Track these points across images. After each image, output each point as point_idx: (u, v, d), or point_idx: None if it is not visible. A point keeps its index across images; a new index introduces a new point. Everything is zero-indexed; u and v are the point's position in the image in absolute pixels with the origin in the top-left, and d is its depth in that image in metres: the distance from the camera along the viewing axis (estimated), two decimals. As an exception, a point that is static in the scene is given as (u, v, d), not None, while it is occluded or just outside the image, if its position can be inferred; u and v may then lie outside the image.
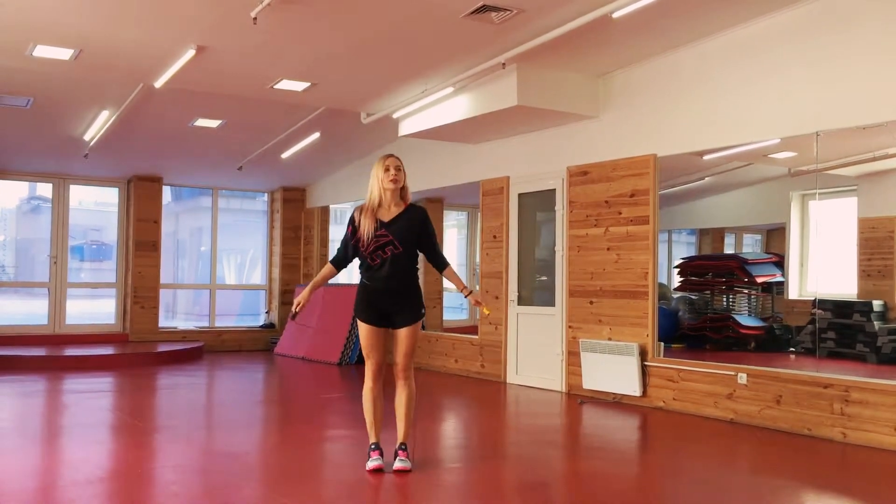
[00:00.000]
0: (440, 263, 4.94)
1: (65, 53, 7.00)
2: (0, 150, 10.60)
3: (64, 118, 9.38)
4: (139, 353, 10.99)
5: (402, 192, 4.87)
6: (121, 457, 5.35)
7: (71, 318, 12.09)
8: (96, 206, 13.21)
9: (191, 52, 6.88)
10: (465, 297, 4.95)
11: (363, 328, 4.83)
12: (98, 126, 9.48)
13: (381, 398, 4.88)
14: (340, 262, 4.91)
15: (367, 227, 4.73)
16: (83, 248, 12.96)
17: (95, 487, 4.53)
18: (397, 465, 4.77)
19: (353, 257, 4.89)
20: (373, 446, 4.83)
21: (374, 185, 4.80)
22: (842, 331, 8.15)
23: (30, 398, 8.02)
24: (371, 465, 4.75)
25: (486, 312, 4.93)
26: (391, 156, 4.85)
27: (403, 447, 4.84)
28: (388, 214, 4.79)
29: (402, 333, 4.82)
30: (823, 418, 6.03)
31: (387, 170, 4.77)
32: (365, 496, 4.44)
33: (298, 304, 4.75)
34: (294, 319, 4.93)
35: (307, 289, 4.79)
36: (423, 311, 4.88)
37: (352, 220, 4.83)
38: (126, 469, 4.99)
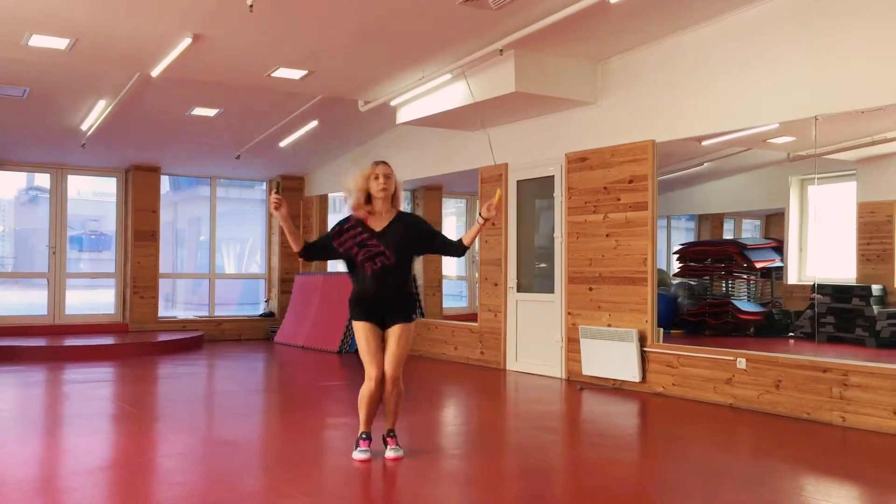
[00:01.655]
0: (458, 248, 4.79)
1: (61, 43, 6.97)
2: (-3, 140, 10.58)
3: (61, 108, 9.35)
4: (139, 343, 11.00)
5: (393, 198, 4.78)
6: (121, 446, 5.37)
7: (70, 309, 12.09)
8: (95, 196, 13.18)
9: (187, 41, 6.85)
10: (482, 219, 4.59)
11: (361, 329, 4.71)
12: (95, 115, 9.46)
13: (378, 401, 4.80)
14: (310, 248, 4.78)
15: (359, 235, 4.67)
16: (82, 239, 12.95)
17: (96, 477, 4.54)
18: (389, 454, 4.77)
19: (339, 258, 4.80)
20: (363, 435, 4.80)
21: (361, 187, 4.69)
22: (841, 315, 8.16)
23: (30, 388, 8.03)
24: (358, 455, 4.74)
25: (498, 195, 4.59)
26: (381, 163, 4.75)
27: (392, 434, 4.85)
28: (379, 223, 4.72)
29: (394, 335, 4.72)
30: (822, 402, 6.05)
31: (376, 178, 4.68)
32: (365, 483, 4.45)
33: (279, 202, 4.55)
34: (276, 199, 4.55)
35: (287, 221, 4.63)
36: (414, 315, 4.80)
37: (342, 224, 4.75)
38: (127, 458, 5.00)
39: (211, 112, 9.70)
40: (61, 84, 8.52)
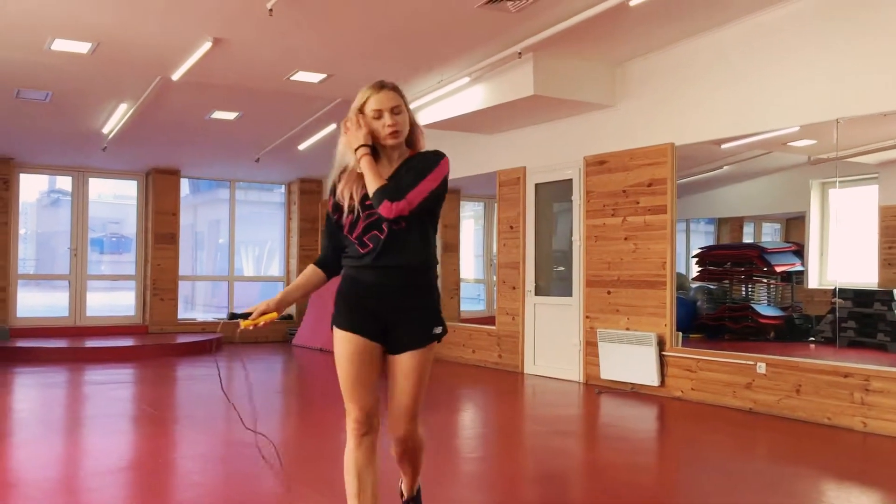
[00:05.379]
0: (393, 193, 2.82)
1: (83, 47, 7.04)
2: (20, 143, 10.69)
3: (82, 112, 9.44)
4: (158, 345, 11.07)
5: (410, 139, 3.02)
6: (141, 447, 5.40)
7: (91, 311, 12.20)
8: (115, 199, 13.30)
9: (207, 45, 6.90)
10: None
11: (341, 342, 2.89)
12: (116, 119, 9.53)
13: (371, 467, 2.94)
14: (328, 263, 3.04)
15: (349, 199, 2.91)
16: (103, 241, 13.06)
17: (116, 477, 4.57)
18: None
19: (344, 246, 2.99)
20: None
21: (356, 138, 2.94)
22: (862, 320, 8.09)
23: (51, 389, 8.10)
24: None
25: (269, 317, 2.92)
26: (382, 87, 2.90)
27: (416, 501, 3.39)
28: (384, 173, 2.93)
29: (406, 362, 2.90)
30: (843, 408, 5.99)
31: (378, 115, 2.88)
32: (383, 484, 4.45)
33: (252, 318, 2.91)
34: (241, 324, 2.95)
35: (276, 298, 2.94)
36: (439, 327, 2.95)
37: (332, 192, 3.03)
38: (147, 459, 5.03)
39: (230, 115, 9.75)
40: (83, 88, 8.60)
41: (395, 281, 2.89)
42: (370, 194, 2.83)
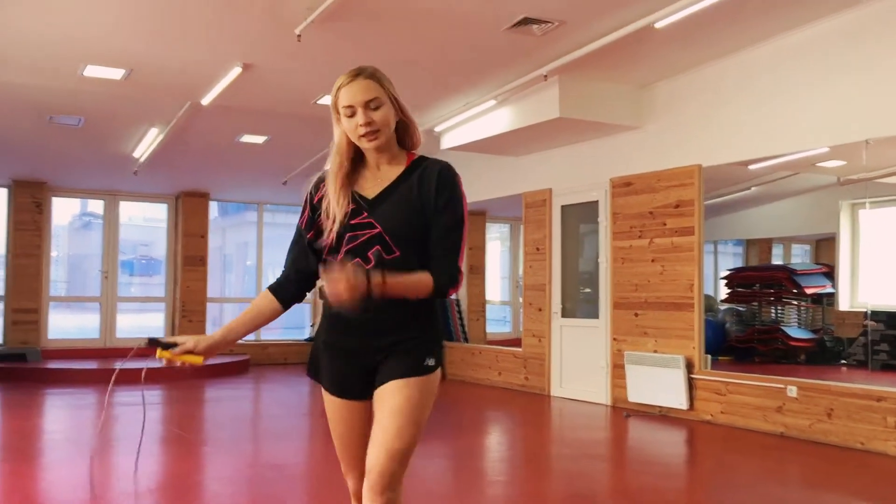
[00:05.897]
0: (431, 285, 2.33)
1: (115, 73, 7.18)
2: (53, 168, 10.88)
3: (114, 136, 9.59)
4: (187, 367, 11.13)
5: (404, 134, 2.51)
6: (170, 468, 5.43)
7: (121, 332, 12.32)
8: (145, 222, 13.48)
9: (237, 70, 7.00)
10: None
11: (328, 405, 2.58)
12: (147, 143, 9.68)
13: None
14: (288, 289, 2.64)
15: (334, 210, 2.44)
16: (133, 263, 13.23)
17: (145, 499, 4.60)
18: None
19: (314, 272, 2.55)
20: None
21: (341, 139, 2.54)
22: (895, 342, 7.97)
23: (82, 410, 8.18)
24: None
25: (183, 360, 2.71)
26: (357, 76, 2.44)
27: None
28: (373, 183, 2.47)
29: (392, 395, 2.32)
30: (877, 432, 5.89)
31: (352, 114, 2.42)
32: (410, 509, 4.44)
33: (174, 352, 2.64)
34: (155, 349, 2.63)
35: (212, 338, 2.68)
36: (432, 360, 2.36)
37: (308, 199, 2.60)
38: (175, 481, 5.06)
39: (259, 139, 9.86)
40: (115, 113, 8.74)
41: (382, 316, 2.34)
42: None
